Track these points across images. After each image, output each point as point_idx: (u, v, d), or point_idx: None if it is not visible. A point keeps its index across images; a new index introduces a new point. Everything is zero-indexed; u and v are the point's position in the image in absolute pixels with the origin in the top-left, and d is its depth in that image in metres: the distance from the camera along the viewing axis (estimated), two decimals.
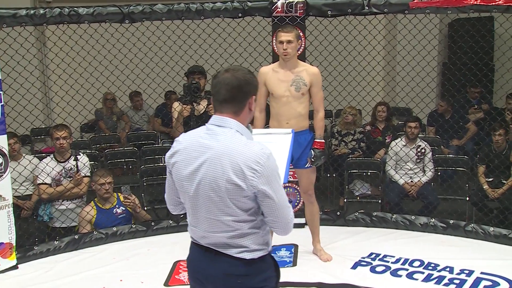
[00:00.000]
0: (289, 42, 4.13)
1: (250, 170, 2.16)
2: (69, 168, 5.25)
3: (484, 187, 5.65)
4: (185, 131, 5.07)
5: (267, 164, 2.18)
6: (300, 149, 4.30)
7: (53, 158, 5.28)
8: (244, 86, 2.25)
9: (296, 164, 4.40)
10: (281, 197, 2.24)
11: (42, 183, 5.17)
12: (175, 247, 4.81)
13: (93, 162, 6.17)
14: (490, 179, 5.70)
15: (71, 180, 5.21)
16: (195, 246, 2.39)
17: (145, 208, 5.61)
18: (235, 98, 2.25)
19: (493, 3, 4.70)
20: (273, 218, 2.27)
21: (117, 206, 5.13)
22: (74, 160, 5.23)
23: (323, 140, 4.34)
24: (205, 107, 5.26)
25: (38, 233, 5.15)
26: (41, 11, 4.82)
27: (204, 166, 2.22)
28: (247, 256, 2.28)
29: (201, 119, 5.25)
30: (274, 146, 2.55)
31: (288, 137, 2.74)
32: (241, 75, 2.25)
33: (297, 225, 5.27)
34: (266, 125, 4.73)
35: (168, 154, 2.37)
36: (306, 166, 4.35)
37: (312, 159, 4.30)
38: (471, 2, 4.74)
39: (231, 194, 2.19)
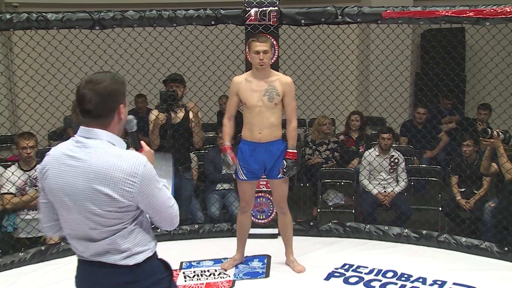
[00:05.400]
0: (265, 52, 4.15)
1: (129, 183, 2.15)
2: (35, 176, 5.16)
3: (457, 198, 5.71)
4: (161, 140, 5.13)
5: (145, 173, 2.17)
6: (273, 159, 4.31)
7: (18, 167, 5.18)
8: (108, 100, 2.18)
9: (269, 175, 4.41)
10: (162, 200, 2.25)
11: (6, 193, 5.07)
12: None
13: None
14: (463, 189, 5.78)
15: (36, 189, 5.12)
16: (81, 263, 2.34)
17: None
18: (101, 114, 2.18)
19: (464, 15, 4.79)
20: (158, 219, 2.29)
21: None
22: None
23: (295, 150, 4.35)
24: (182, 116, 5.25)
25: (2, 245, 5.04)
26: (8, 16, 4.76)
27: (78, 180, 2.16)
28: (131, 261, 2.26)
29: (183, 127, 5.24)
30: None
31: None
32: (102, 89, 2.16)
33: (270, 236, 5.29)
34: (239, 134, 4.73)
35: (39, 169, 2.30)
36: (278, 176, 4.37)
37: (284, 170, 4.31)
38: (443, 14, 4.82)
39: (110, 206, 2.16)
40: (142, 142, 2.40)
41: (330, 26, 5.33)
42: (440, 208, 5.87)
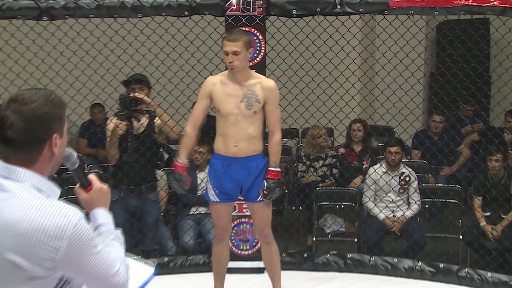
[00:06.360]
0: (235, 53, 4.10)
1: (50, 248, 1.85)
2: None
3: (482, 224, 5.69)
4: (123, 155, 5.08)
5: (75, 236, 1.88)
6: (251, 178, 4.28)
7: None
8: (36, 127, 1.91)
9: (246, 197, 4.38)
10: (101, 267, 1.97)
11: None
12: None
13: None
14: (487, 214, 5.76)
15: None
16: None
17: None
18: (25, 144, 1.92)
19: (487, 4, 4.80)
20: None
21: None
22: None
23: (278, 169, 4.33)
24: (146, 124, 5.22)
25: None
26: None
27: None
28: None
29: (150, 138, 5.21)
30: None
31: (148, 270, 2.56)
32: (30, 111, 1.89)
33: (256, 270, 5.25)
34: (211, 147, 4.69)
35: None
36: (258, 199, 4.33)
37: (265, 192, 4.27)
38: (462, 3, 4.83)
39: (18, 276, 1.87)
40: (93, 177, 2.20)
41: (328, 18, 5.31)
42: (461, 237, 5.85)
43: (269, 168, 4.30)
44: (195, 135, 4.40)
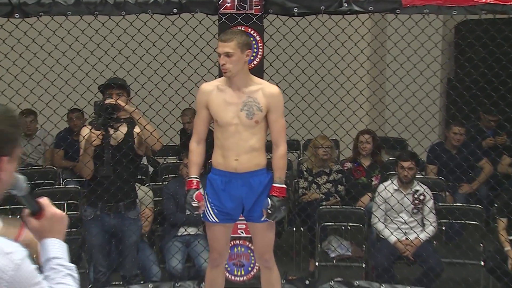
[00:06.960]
0: (227, 55, 4.13)
1: None
2: None
3: (506, 248, 5.67)
4: (96, 166, 5.06)
5: (15, 278, 1.81)
6: (254, 196, 4.29)
7: None
8: None
9: (248, 217, 4.38)
10: None
11: None
12: None
13: None
14: None
15: None
16: None
17: None
18: None
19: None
20: None
21: None
22: None
23: (284, 185, 4.33)
24: (125, 133, 5.20)
25: None
26: None
27: None
28: None
29: (131, 150, 5.18)
30: None
31: None
32: None
33: None
34: (209, 160, 4.69)
35: None
36: (261, 219, 4.33)
37: (269, 211, 4.27)
38: (483, 1, 4.86)
39: None
40: (45, 201, 2.13)
41: (333, 17, 5.33)
42: (482, 263, 5.85)
43: (274, 185, 4.30)
44: (203, 149, 4.41)
